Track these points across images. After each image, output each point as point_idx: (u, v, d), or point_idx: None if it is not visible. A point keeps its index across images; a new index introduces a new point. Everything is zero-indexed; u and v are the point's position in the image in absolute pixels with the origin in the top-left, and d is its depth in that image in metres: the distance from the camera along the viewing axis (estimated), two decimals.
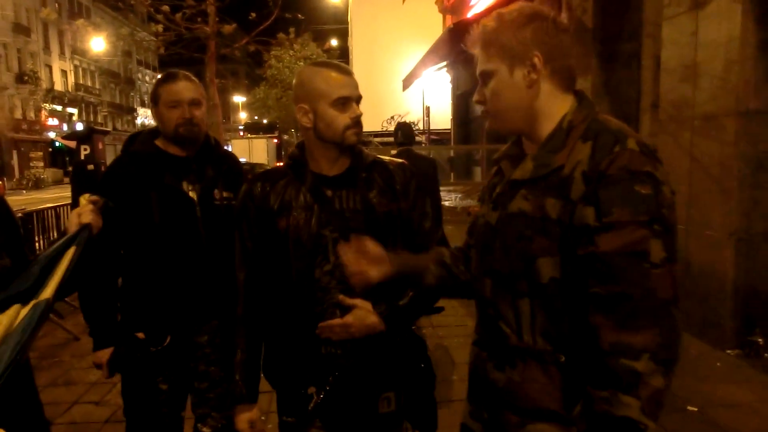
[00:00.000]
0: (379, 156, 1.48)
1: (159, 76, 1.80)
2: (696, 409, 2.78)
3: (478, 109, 1.13)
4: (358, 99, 1.36)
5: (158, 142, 1.73)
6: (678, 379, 0.92)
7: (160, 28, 16.28)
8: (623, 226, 0.89)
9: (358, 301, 1.32)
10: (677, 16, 3.87)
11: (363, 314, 1.32)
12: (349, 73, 1.36)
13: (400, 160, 1.50)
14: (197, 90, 1.70)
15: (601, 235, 0.90)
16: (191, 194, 1.69)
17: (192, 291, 1.69)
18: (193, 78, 1.74)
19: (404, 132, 4.15)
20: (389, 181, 1.41)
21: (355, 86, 1.35)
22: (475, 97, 1.09)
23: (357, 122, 1.35)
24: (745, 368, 3.31)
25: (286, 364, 1.40)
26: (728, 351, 3.49)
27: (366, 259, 1.20)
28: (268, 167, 1.63)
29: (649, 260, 0.88)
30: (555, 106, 1.02)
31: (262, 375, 1.45)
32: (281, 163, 1.48)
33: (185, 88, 1.68)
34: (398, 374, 1.40)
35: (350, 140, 1.35)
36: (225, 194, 1.73)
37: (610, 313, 0.89)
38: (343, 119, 1.33)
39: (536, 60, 1.00)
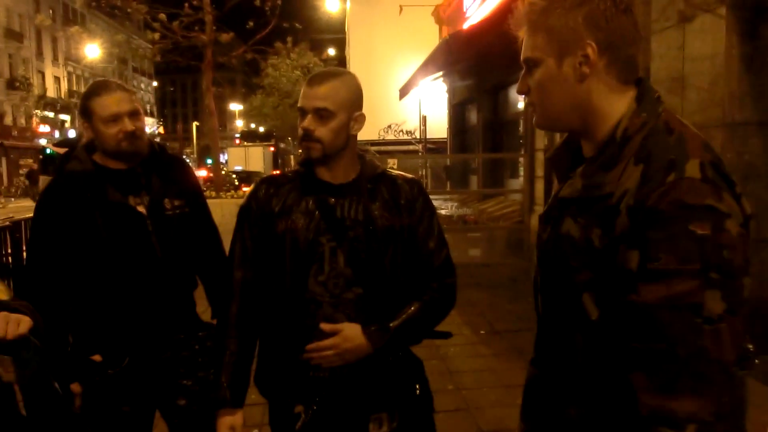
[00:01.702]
0: (389, 169, 1.45)
1: (86, 88, 1.64)
2: None
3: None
4: (316, 111, 1.29)
5: (96, 158, 1.62)
6: None
7: (156, 36, 16.34)
8: (671, 275, 0.75)
9: (344, 325, 1.29)
10: (665, 30, 3.98)
11: (351, 335, 1.29)
12: (314, 84, 1.31)
13: (410, 176, 1.47)
14: (135, 99, 1.60)
15: (646, 285, 0.77)
16: (139, 208, 1.60)
17: (150, 308, 1.61)
18: (127, 87, 1.64)
19: None
20: (395, 195, 1.38)
21: (315, 97, 1.29)
22: (518, 88, 0.95)
23: (305, 135, 1.30)
24: None
25: (275, 378, 1.38)
26: None
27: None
28: (264, 175, 1.63)
29: (702, 314, 0.74)
30: (613, 104, 0.87)
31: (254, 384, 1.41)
32: (278, 171, 1.50)
33: (122, 99, 1.56)
34: (391, 394, 1.35)
35: (304, 152, 1.33)
36: (176, 203, 1.65)
37: (650, 373, 0.77)
38: (299, 130, 1.33)
39: (590, 50, 0.85)
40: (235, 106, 50.90)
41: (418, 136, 17.88)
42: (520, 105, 9.68)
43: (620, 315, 0.81)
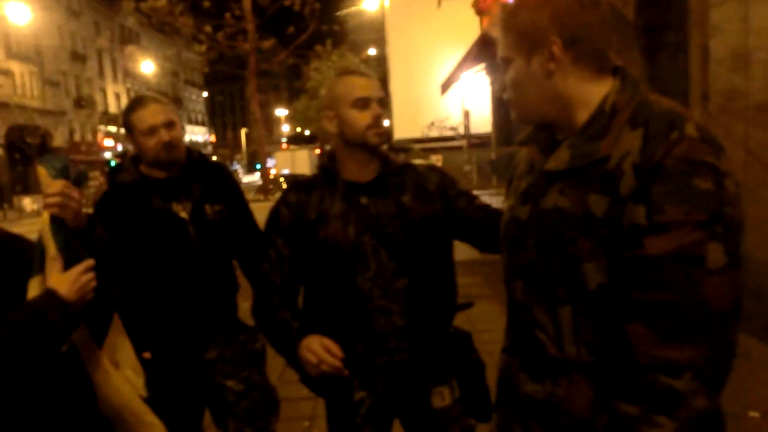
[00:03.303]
0: (409, 161, 1.50)
1: (127, 104, 1.73)
2: (758, 415, 2.61)
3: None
4: (380, 99, 1.39)
5: (142, 168, 1.72)
6: (738, 383, 0.85)
7: (203, 47, 17.00)
8: (677, 226, 0.77)
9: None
10: (725, 2, 3.70)
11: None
12: (367, 76, 1.41)
13: (429, 163, 1.51)
14: (169, 110, 1.68)
15: (651, 237, 0.79)
16: (182, 215, 1.68)
17: (194, 309, 1.68)
18: (162, 99, 1.71)
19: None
20: (422, 183, 1.42)
21: (376, 87, 1.39)
22: (497, 86, 1.03)
23: (377, 121, 1.36)
24: None
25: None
26: None
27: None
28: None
29: (705, 266, 0.77)
30: (590, 92, 0.90)
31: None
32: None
33: (157, 111, 1.64)
34: (447, 368, 1.41)
35: (372, 141, 1.36)
36: (216, 208, 1.72)
37: (652, 323, 0.79)
38: (363, 118, 1.35)
39: (555, 47, 0.88)
40: (281, 111, 52.16)
41: (461, 132, 17.64)
42: None
43: (624, 272, 0.83)
